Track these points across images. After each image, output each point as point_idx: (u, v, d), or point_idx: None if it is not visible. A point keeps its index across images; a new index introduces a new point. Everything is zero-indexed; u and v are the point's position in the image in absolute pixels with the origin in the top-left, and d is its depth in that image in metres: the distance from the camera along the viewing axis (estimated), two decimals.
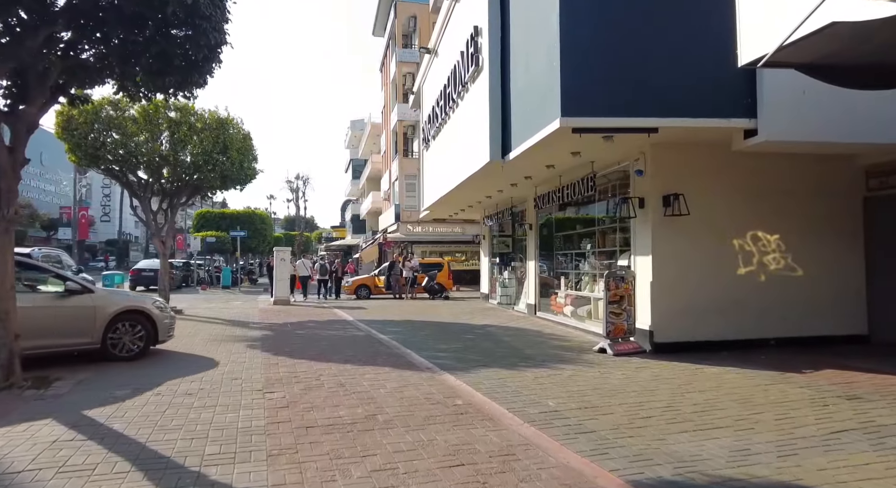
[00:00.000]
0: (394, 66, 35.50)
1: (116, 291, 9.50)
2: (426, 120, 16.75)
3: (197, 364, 7.78)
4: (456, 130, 12.68)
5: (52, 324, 7.40)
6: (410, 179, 34.99)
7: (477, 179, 11.55)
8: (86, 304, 7.71)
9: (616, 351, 8.20)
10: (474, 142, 10.73)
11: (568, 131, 7.26)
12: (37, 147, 63.63)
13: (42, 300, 7.55)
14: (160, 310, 8.57)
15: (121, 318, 7.98)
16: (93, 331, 7.70)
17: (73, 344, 7.63)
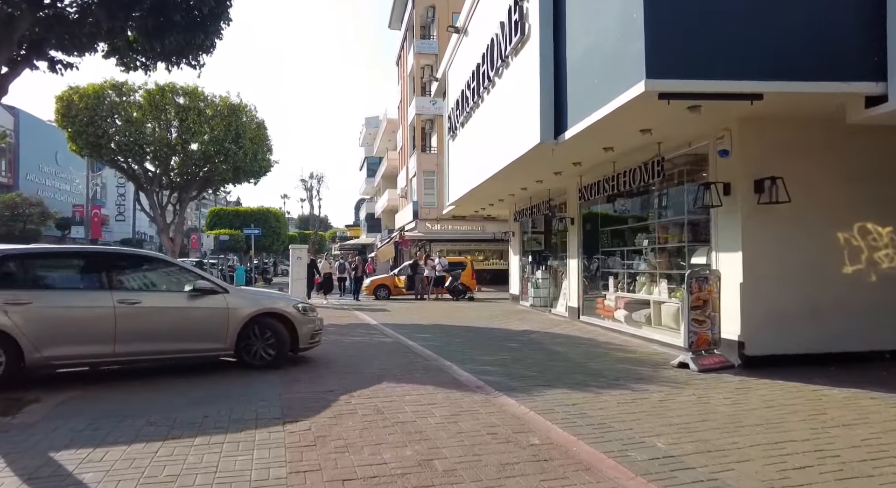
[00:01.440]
0: (411, 58, 34.29)
1: (252, 291, 8.35)
2: (452, 107, 15.45)
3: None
4: (492, 113, 11.38)
5: (183, 327, 6.67)
6: (429, 175, 33.77)
7: (518, 167, 10.23)
8: (219, 305, 6.87)
9: (701, 366, 6.85)
10: (518, 123, 9.42)
11: (650, 99, 5.92)
12: (52, 146, 63.63)
13: (171, 300, 6.74)
14: (302, 312, 7.47)
15: (255, 322, 7.07)
16: (225, 335, 6.86)
17: (204, 349, 6.88)
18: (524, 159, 9.55)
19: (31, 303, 5.91)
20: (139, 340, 6.35)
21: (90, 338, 6.16)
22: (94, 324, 6.17)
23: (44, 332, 5.90)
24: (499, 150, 10.80)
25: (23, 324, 5.80)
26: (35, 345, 5.85)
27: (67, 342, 6.05)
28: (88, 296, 6.29)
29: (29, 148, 62.01)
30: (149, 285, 6.95)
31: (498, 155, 10.88)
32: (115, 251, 7.44)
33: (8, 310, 5.79)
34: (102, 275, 6.45)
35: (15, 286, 6.07)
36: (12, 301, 5.83)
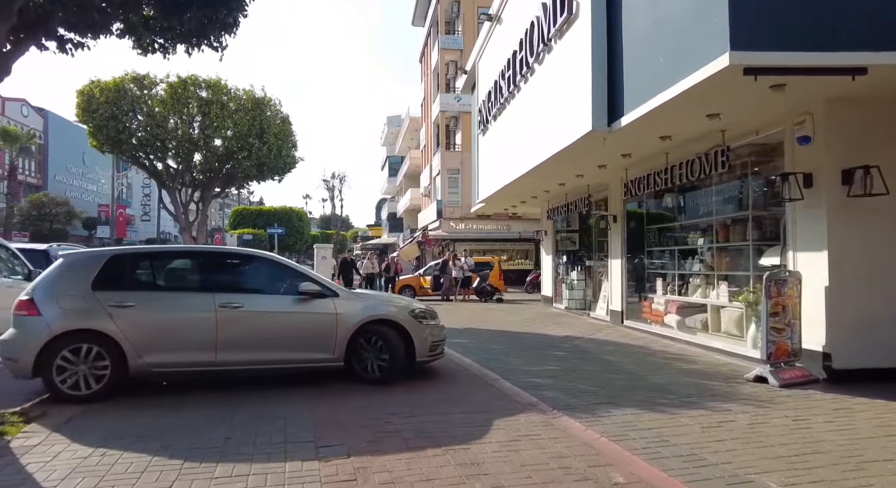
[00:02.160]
0: (435, 54, 33.64)
1: (363, 294, 7.40)
2: (483, 100, 14.74)
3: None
4: (531, 103, 10.64)
5: (287, 334, 6.00)
6: (453, 174, 33.06)
7: (561, 159, 9.48)
8: (327, 311, 6.10)
9: (782, 380, 6.03)
10: (563, 111, 8.68)
11: (733, 75, 5.15)
12: (79, 147, 64.46)
13: (276, 303, 6.11)
14: (418, 319, 6.51)
15: (365, 329, 6.22)
16: (333, 344, 6.09)
17: (310, 360, 6.12)
18: (570, 150, 8.80)
19: (135, 306, 5.59)
20: (240, 348, 5.81)
21: (191, 345, 5.69)
22: (195, 329, 5.71)
23: (146, 337, 5.56)
24: (539, 142, 10.06)
25: (126, 328, 5.48)
26: (137, 351, 5.51)
27: (168, 348, 5.64)
28: (189, 298, 5.87)
29: (57, 149, 63.06)
30: (252, 287, 6.30)
31: (538, 147, 10.14)
32: (218, 250, 6.96)
33: (113, 313, 5.49)
34: (204, 276, 6.13)
35: (119, 288, 5.76)
36: (117, 304, 5.53)
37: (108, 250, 6.20)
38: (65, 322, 5.41)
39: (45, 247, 12.09)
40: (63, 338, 5.37)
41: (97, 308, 5.46)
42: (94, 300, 5.50)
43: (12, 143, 33.75)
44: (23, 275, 9.40)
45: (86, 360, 5.38)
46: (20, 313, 5.49)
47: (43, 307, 5.44)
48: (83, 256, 6.03)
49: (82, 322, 5.44)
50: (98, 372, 5.42)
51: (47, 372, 5.33)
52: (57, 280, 5.70)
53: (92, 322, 5.43)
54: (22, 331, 5.45)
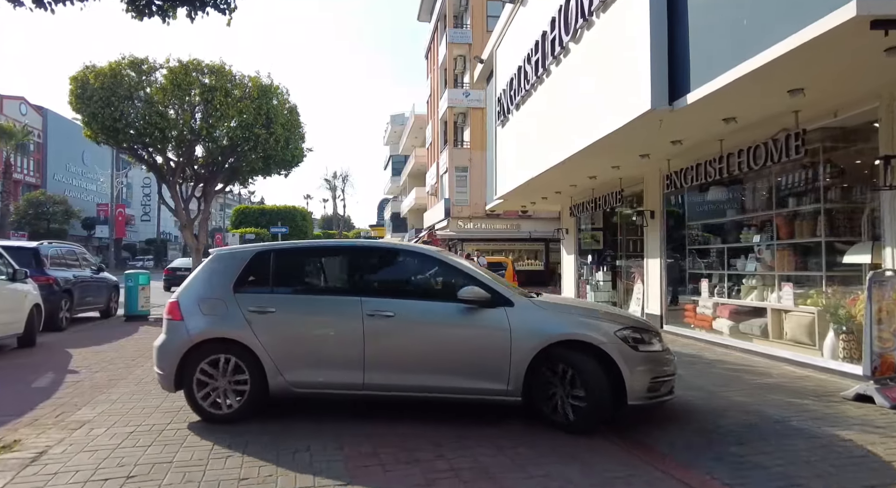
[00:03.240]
0: (443, 48, 32.77)
1: (549, 303, 4.98)
2: (504, 89, 13.84)
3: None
4: (566, 86, 9.74)
5: (446, 353, 4.61)
6: (461, 172, 32.21)
7: (604, 146, 8.58)
8: (498, 325, 4.51)
9: (893, 401, 5.11)
10: (611, 91, 7.78)
11: (852, 31, 4.25)
12: (79, 146, 63.63)
13: (433, 313, 4.69)
14: (633, 343, 4.47)
15: (551, 353, 4.44)
16: (507, 371, 4.45)
17: (477, 390, 4.53)
18: (615, 136, 7.89)
19: (275, 312, 4.73)
20: (391, 369, 4.63)
21: (335, 362, 4.67)
22: (340, 341, 4.71)
23: (286, 350, 4.69)
24: (575, 129, 9.16)
25: (265, 337, 4.68)
26: (277, 366, 4.64)
27: (310, 364, 4.69)
28: (333, 303, 4.87)
29: (56, 148, 62.16)
30: (404, 290, 5.13)
31: (573, 134, 9.23)
32: (368, 245, 5.65)
33: (252, 319, 4.69)
34: (350, 276, 5.15)
35: (260, 290, 4.98)
36: (257, 308, 4.73)
37: (254, 246, 5.30)
38: (204, 328, 4.73)
39: (35, 245, 11.20)
40: (203, 346, 4.70)
41: (236, 313, 4.72)
42: (234, 303, 4.77)
43: (8, 140, 32.86)
44: (7, 275, 8.51)
45: (225, 374, 4.66)
46: (167, 317, 4.91)
47: (185, 310, 4.82)
48: (228, 252, 5.26)
49: (220, 329, 4.72)
50: (239, 389, 4.66)
51: (188, 386, 4.69)
52: (201, 279, 5.05)
53: (230, 329, 4.70)
54: (167, 337, 4.86)
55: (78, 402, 5.38)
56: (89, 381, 6.32)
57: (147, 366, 7.20)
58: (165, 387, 4.85)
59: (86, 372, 6.82)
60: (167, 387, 4.83)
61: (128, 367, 7.13)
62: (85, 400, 5.48)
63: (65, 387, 6.01)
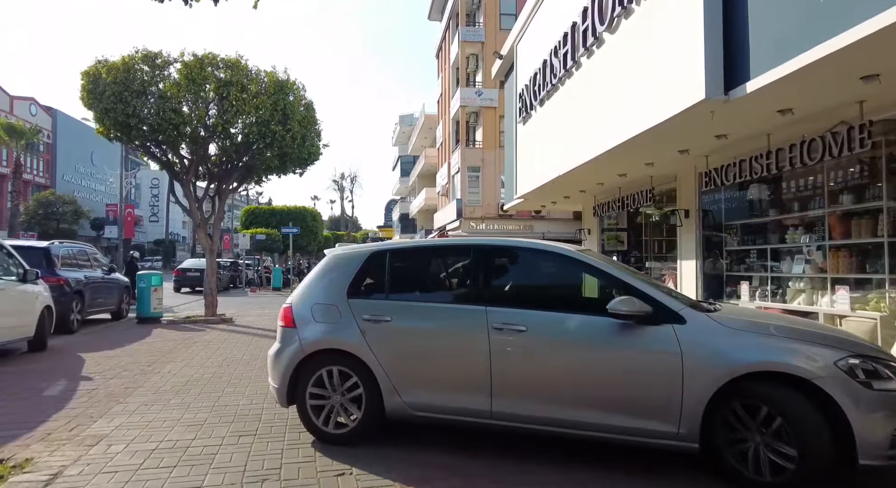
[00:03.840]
0: (455, 47, 32.39)
1: (741, 321, 3.80)
2: (526, 84, 13.40)
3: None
4: (599, 79, 9.28)
5: (592, 381, 3.70)
6: (473, 172, 31.81)
7: (644, 141, 8.12)
8: (663, 348, 3.53)
9: None
10: (655, 81, 7.32)
11: None
12: (87, 147, 63.86)
13: (574, 328, 3.82)
14: (865, 379, 3.29)
15: (743, 390, 3.41)
16: (677, 409, 3.47)
17: (634, 430, 3.56)
18: (659, 130, 7.43)
19: (391, 321, 4.18)
20: (522, 395, 3.82)
21: (458, 383, 3.98)
22: (462, 358, 4.00)
23: (402, 365, 4.12)
24: (611, 124, 8.70)
25: (380, 350, 4.12)
26: (394, 384, 4.08)
27: (429, 385, 4.05)
28: (454, 313, 4.14)
29: (66, 148, 62.30)
30: (539, 300, 4.26)
31: (608, 129, 8.77)
32: (494, 244, 4.60)
33: (366, 329, 4.18)
34: (473, 281, 4.36)
35: (375, 295, 4.44)
36: (372, 316, 4.22)
37: (370, 245, 4.71)
38: (316, 337, 4.27)
39: (46, 245, 10.86)
40: (315, 357, 4.25)
41: (350, 321, 4.23)
42: (347, 310, 4.28)
43: (17, 139, 32.72)
44: (17, 275, 8.16)
45: (339, 389, 4.19)
46: (280, 323, 4.50)
47: (298, 317, 4.40)
48: (343, 253, 4.72)
49: (333, 338, 4.25)
50: (355, 406, 4.18)
51: (301, 401, 4.26)
52: (314, 282, 4.58)
53: (343, 339, 4.21)
54: (280, 346, 4.42)
55: (93, 413, 4.99)
56: (104, 389, 5.93)
57: (165, 372, 6.82)
58: (279, 402, 4.40)
59: (100, 379, 6.43)
60: (280, 402, 4.38)
61: (144, 374, 6.74)
62: (100, 410, 5.09)
63: (78, 396, 5.63)
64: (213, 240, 12.77)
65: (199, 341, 9.50)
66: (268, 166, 12.86)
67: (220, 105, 11.30)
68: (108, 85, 10.63)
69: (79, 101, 11.23)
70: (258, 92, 11.43)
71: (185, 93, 11.05)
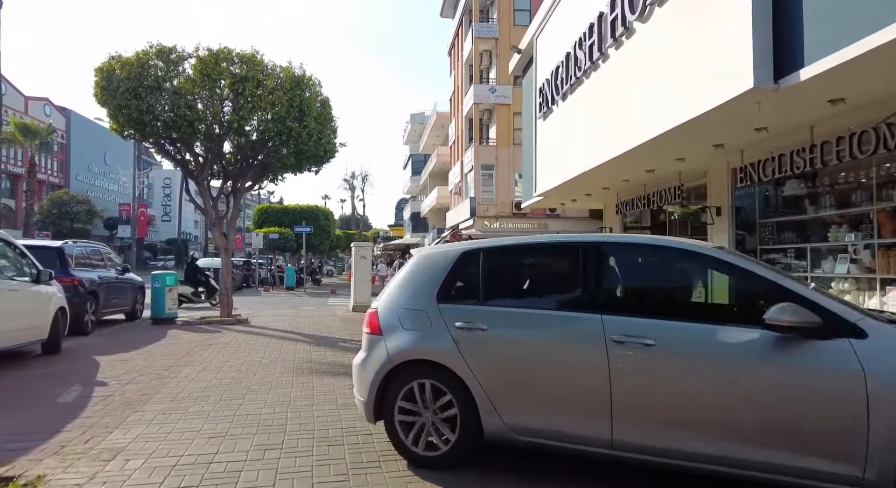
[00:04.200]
0: (468, 44, 32.03)
1: None
2: (548, 78, 13.02)
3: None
4: (630, 70, 8.89)
5: (744, 408, 3.01)
6: (487, 170, 31.43)
7: (679, 134, 7.73)
8: (841, 370, 2.83)
9: None
10: (696, 71, 6.93)
11: None
12: (101, 147, 64.26)
13: (721, 344, 3.12)
14: None
15: None
16: (862, 448, 2.71)
17: (803, 471, 2.85)
18: (697, 123, 7.05)
19: (487, 329, 3.64)
20: (652, 423, 3.18)
21: (569, 404, 3.37)
22: (574, 376, 3.38)
23: (501, 381, 3.56)
24: (643, 117, 8.33)
25: (475, 363, 3.59)
26: (492, 402, 3.53)
27: (534, 404, 3.46)
28: (564, 322, 3.52)
29: (79, 148, 62.75)
30: (672, 307, 3.76)
31: (640, 123, 8.40)
32: (609, 240, 4.09)
33: (459, 338, 3.66)
34: (585, 284, 3.65)
35: (468, 300, 3.92)
36: (465, 324, 3.68)
37: (461, 244, 4.21)
38: (404, 346, 3.80)
39: (60, 244, 10.66)
40: (404, 369, 3.79)
41: (441, 329, 3.73)
42: (438, 317, 3.78)
43: (32, 139, 32.84)
44: (31, 276, 7.94)
45: (431, 406, 3.70)
46: (365, 330, 4.11)
47: (385, 323, 3.95)
48: (431, 253, 4.24)
49: (423, 348, 3.77)
50: (449, 426, 3.66)
51: (388, 418, 3.82)
52: (401, 285, 4.12)
53: (433, 349, 3.72)
54: (365, 355, 4.01)
55: (109, 423, 4.72)
56: (119, 396, 5.67)
57: (182, 377, 6.55)
58: (366, 417, 3.97)
59: (115, 385, 6.18)
60: (367, 417, 3.95)
61: (160, 379, 6.48)
62: (116, 419, 4.82)
63: (93, 403, 5.36)
64: (229, 239, 12.54)
65: (216, 343, 9.25)
66: (283, 164, 12.61)
67: (236, 101, 11.05)
68: (122, 81, 10.41)
69: (92, 97, 11.02)
70: (274, 88, 11.16)
71: (199, 88, 10.80)
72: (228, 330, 11.03)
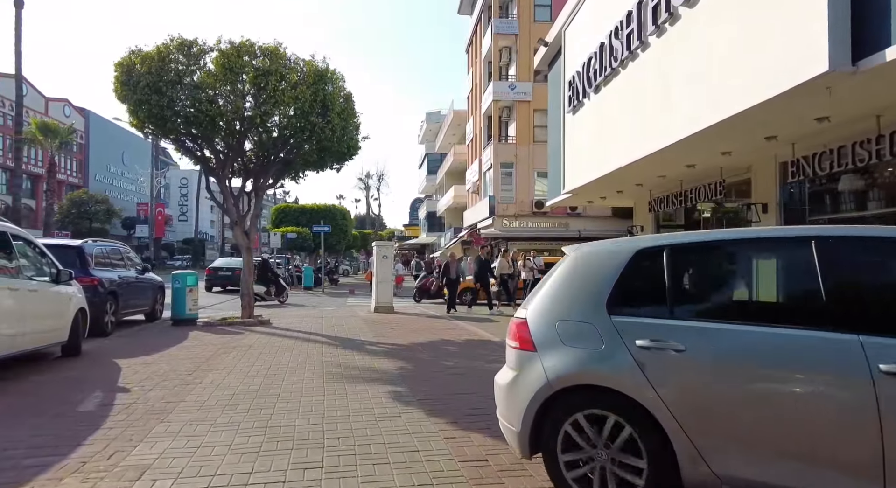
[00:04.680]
0: (488, 40, 31.56)
1: None
2: (578, 70, 12.53)
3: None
4: (675, 58, 8.40)
5: None
6: (506, 168, 30.94)
7: (732, 126, 7.24)
8: None
9: None
10: (756, 56, 6.43)
11: None
12: (119, 147, 64.80)
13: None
14: None
15: None
16: None
17: None
18: (755, 112, 6.55)
19: (685, 351, 2.80)
20: None
21: (817, 454, 2.51)
22: (822, 416, 2.52)
23: (711, 420, 2.73)
24: (690, 108, 7.83)
25: (671, 394, 2.79)
26: (696, 446, 2.72)
27: (761, 452, 2.62)
28: (800, 343, 2.62)
29: (98, 149, 63.31)
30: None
31: (686, 114, 7.91)
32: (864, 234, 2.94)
33: (645, 361, 2.86)
34: (830, 293, 2.64)
35: (652, 312, 3.06)
36: (652, 343, 2.87)
37: (633, 240, 3.49)
38: (569, 369, 3.05)
39: (80, 243, 10.41)
40: (568, 395, 3.06)
41: (617, 348, 2.95)
42: (611, 332, 3.00)
43: (53, 139, 33.00)
44: (50, 276, 7.65)
45: (606, 443, 2.92)
46: (512, 343, 3.38)
47: (539, 337, 3.22)
48: (594, 252, 3.40)
49: (594, 372, 3.01)
50: (631, 469, 2.87)
51: (551, 455, 3.09)
52: (557, 290, 3.34)
53: (608, 373, 2.96)
54: (516, 375, 3.29)
55: (132, 436, 4.36)
56: (143, 404, 5.33)
57: (207, 383, 6.20)
58: (518, 451, 3.25)
59: (138, 391, 5.84)
60: (520, 451, 3.22)
61: (184, 385, 6.13)
62: (140, 431, 4.46)
63: (115, 413, 5.02)
64: (250, 237, 12.22)
65: (239, 346, 8.92)
66: (305, 161, 12.28)
67: (258, 95, 10.72)
68: (143, 75, 10.13)
69: (112, 93, 10.74)
70: (297, 82, 10.81)
71: (220, 83, 10.48)
72: (251, 331, 10.70)
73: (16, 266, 6.78)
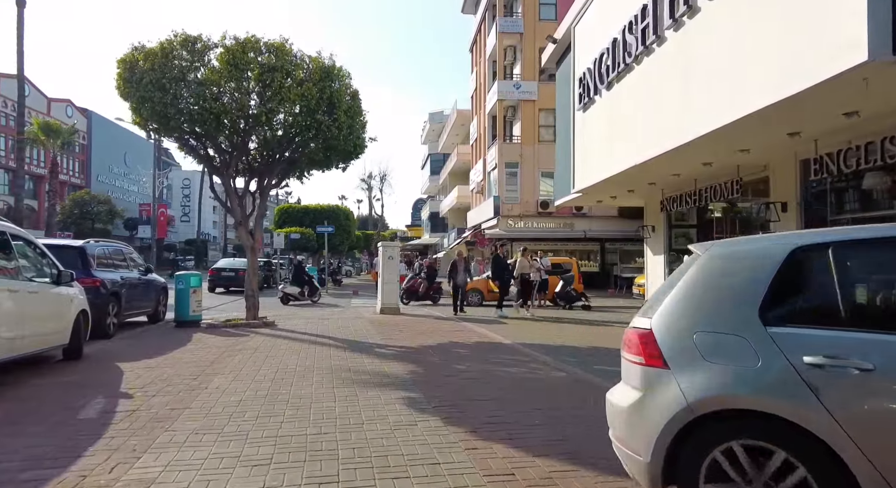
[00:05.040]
0: (492, 39, 31.35)
1: None
2: (589, 67, 12.30)
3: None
4: (693, 52, 8.16)
5: None
6: (511, 168, 30.69)
7: (757, 120, 6.99)
8: None
9: None
10: (785, 48, 6.20)
11: None
12: (121, 148, 64.67)
13: None
14: None
15: None
16: None
17: None
18: (780, 106, 6.30)
19: (874, 370, 2.25)
20: None
21: None
22: None
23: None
24: (711, 103, 7.59)
25: (856, 424, 2.26)
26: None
27: None
28: None
29: (100, 149, 63.17)
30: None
31: (708, 109, 7.66)
32: None
33: (817, 381, 2.36)
34: None
35: (822, 321, 2.50)
36: (827, 360, 2.38)
37: (785, 237, 2.86)
38: (714, 389, 2.57)
39: (81, 244, 10.19)
40: (716, 423, 2.58)
41: (778, 365, 2.45)
42: (768, 345, 2.50)
43: (55, 139, 32.83)
44: (51, 277, 7.42)
45: (767, 479, 2.43)
46: (634, 359, 2.88)
47: (672, 351, 2.73)
48: (737, 251, 2.94)
49: (749, 395, 2.51)
50: None
51: (688, 485, 2.63)
52: (692, 295, 2.84)
53: (768, 398, 2.46)
54: (642, 397, 2.81)
55: (136, 445, 4.12)
56: (146, 410, 5.09)
57: (213, 388, 5.96)
58: (644, 480, 2.76)
59: (141, 397, 5.60)
60: (649, 482, 2.72)
61: (189, 390, 5.89)
62: (144, 441, 4.22)
63: (118, 420, 4.78)
64: (255, 237, 11.99)
65: (245, 348, 8.68)
66: (311, 160, 12.04)
67: (263, 93, 10.49)
68: (146, 72, 9.91)
69: (114, 90, 10.52)
70: (303, 79, 10.58)
71: (225, 80, 10.25)
72: (256, 333, 10.47)
73: (15, 267, 6.56)
